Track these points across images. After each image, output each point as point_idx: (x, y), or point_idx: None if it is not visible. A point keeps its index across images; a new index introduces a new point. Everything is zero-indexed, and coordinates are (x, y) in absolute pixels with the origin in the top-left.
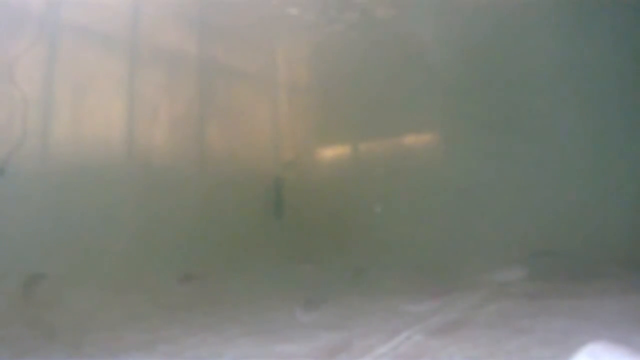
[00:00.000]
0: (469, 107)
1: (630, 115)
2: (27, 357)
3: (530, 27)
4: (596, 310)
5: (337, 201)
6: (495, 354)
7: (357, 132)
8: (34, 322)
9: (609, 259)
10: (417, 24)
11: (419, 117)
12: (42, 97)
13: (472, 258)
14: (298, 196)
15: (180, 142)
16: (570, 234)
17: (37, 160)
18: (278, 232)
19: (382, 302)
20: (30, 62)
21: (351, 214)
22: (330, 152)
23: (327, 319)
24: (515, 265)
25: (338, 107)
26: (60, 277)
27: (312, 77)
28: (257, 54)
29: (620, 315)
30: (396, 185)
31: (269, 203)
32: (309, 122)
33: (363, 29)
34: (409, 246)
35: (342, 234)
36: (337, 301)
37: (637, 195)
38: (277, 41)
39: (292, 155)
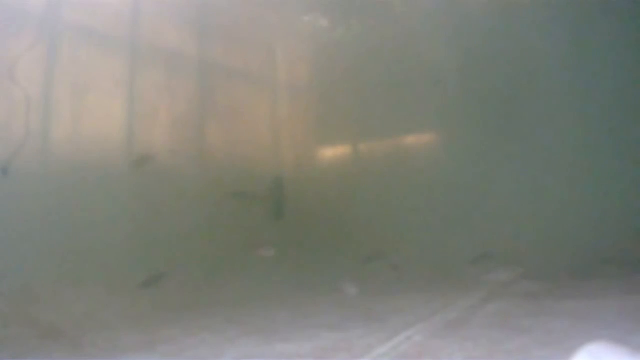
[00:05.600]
0: (469, 109)
1: (631, 115)
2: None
3: (530, 27)
4: (596, 310)
5: (339, 201)
6: (495, 354)
7: (358, 133)
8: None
9: (608, 259)
10: (418, 25)
11: (419, 118)
12: (44, 96)
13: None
14: (299, 196)
15: (180, 141)
16: (570, 235)
17: (39, 160)
18: (279, 232)
19: (383, 302)
20: (32, 62)
21: (352, 214)
22: (331, 152)
23: (327, 319)
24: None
25: (338, 106)
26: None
27: (313, 77)
28: (257, 54)
29: (620, 315)
30: (397, 185)
31: (269, 203)
32: (309, 122)
33: (364, 30)
34: (410, 246)
35: (343, 234)
36: (338, 301)
37: (637, 195)
38: (277, 41)
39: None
